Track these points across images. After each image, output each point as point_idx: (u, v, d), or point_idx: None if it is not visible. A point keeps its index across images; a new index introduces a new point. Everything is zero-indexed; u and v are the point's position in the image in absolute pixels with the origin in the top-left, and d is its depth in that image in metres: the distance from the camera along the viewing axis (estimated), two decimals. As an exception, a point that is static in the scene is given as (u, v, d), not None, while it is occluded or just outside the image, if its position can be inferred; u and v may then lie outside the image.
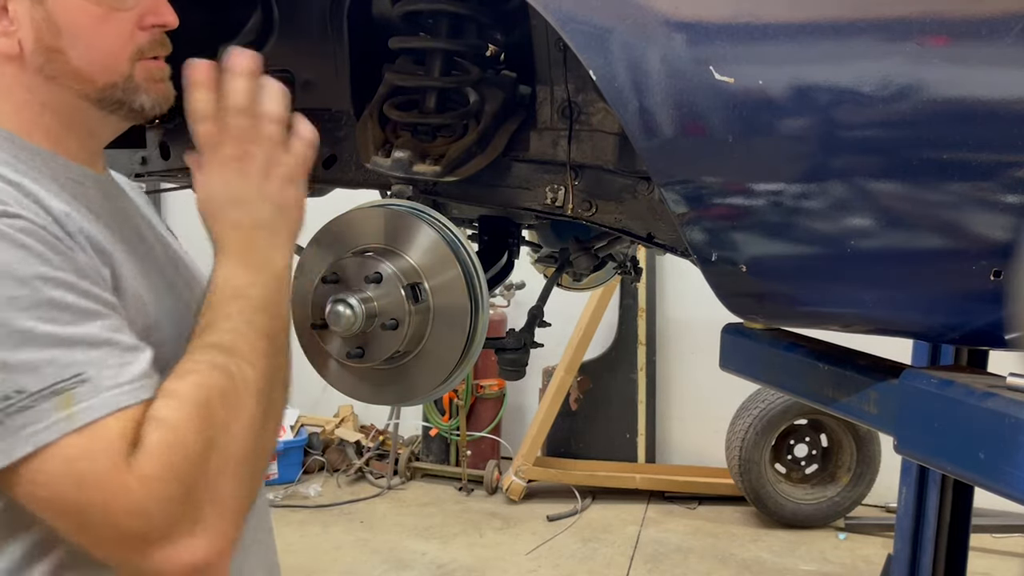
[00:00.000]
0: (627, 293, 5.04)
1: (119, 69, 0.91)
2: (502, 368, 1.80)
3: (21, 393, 0.71)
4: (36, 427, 0.72)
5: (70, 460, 0.73)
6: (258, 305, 0.87)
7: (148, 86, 0.93)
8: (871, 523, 4.47)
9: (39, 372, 0.72)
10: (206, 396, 0.78)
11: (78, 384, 0.73)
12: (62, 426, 0.72)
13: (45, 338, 0.73)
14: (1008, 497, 1.01)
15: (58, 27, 0.86)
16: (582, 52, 1.07)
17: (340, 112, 1.56)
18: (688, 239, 1.13)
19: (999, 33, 0.95)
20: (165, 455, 0.75)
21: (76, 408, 0.73)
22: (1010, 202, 1.00)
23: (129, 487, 0.73)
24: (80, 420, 0.73)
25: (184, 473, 0.75)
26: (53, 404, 0.72)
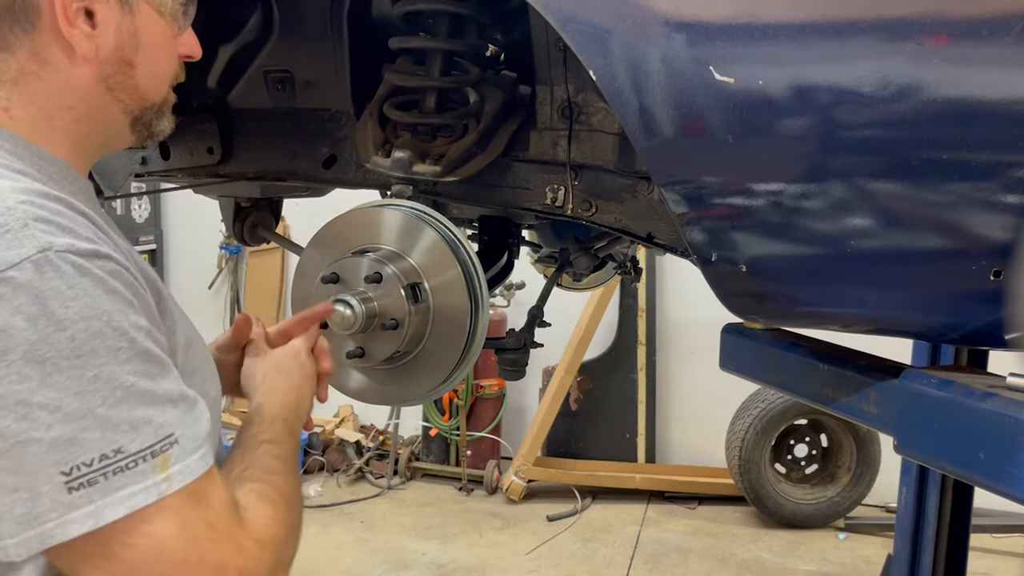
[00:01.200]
0: (627, 293, 5.04)
1: (163, 92, 0.93)
2: (502, 368, 1.80)
3: (120, 453, 0.70)
4: (133, 489, 0.70)
5: (187, 520, 0.73)
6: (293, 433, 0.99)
7: (167, 112, 0.96)
8: (871, 523, 4.47)
9: (138, 432, 0.71)
10: (287, 494, 0.87)
11: (169, 446, 0.73)
12: (162, 488, 0.71)
13: (142, 395, 0.72)
14: (1008, 497, 1.01)
15: (139, 42, 0.87)
16: (582, 52, 1.08)
17: (340, 112, 1.56)
18: (688, 239, 1.13)
19: (999, 33, 0.95)
20: (273, 530, 0.81)
21: (171, 471, 0.72)
22: (1010, 202, 1.00)
23: (246, 549, 0.77)
24: (176, 484, 0.72)
25: (281, 547, 0.82)
26: (150, 466, 0.71)
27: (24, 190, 0.74)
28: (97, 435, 0.69)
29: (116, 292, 0.73)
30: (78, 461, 0.68)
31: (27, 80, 0.83)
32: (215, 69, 1.60)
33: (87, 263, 0.71)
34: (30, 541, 0.69)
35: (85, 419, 0.68)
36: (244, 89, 1.60)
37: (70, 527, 0.68)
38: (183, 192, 2.15)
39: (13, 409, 0.67)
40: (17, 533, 0.68)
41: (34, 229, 0.70)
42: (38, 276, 0.68)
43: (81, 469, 0.68)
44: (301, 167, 1.64)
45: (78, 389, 0.68)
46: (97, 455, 0.69)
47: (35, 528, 0.68)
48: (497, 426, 5.14)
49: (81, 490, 0.68)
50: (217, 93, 1.64)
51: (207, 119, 1.65)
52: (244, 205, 2.02)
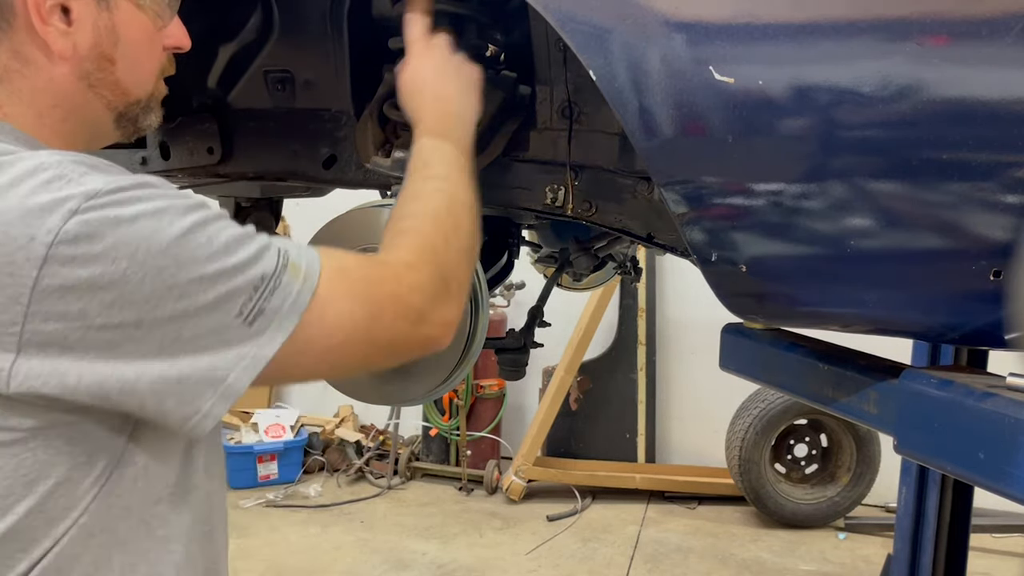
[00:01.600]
0: (627, 293, 5.04)
1: (148, 87, 0.94)
2: (502, 368, 1.80)
3: (265, 279, 0.80)
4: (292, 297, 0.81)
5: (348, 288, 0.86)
6: (460, 150, 1.11)
7: (156, 107, 0.97)
8: (871, 523, 4.47)
9: (263, 258, 0.81)
10: (435, 209, 1.00)
11: (286, 255, 0.83)
12: (309, 285, 0.83)
13: (243, 237, 0.81)
14: (1008, 497, 1.01)
15: (118, 37, 0.88)
16: (582, 52, 1.07)
17: (340, 112, 1.56)
18: (688, 239, 1.13)
19: (999, 33, 0.95)
20: (420, 248, 0.95)
21: (304, 270, 0.83)
22: (1010, 202, 1.00)
23: (401, 274, 0.91)
24: (314, 275, 0.84)
25: (435, 259, 0.95)
26: (289, 276, 0.82)
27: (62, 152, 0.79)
28: (241, 278, 0.79)
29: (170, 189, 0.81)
30: (240, 301, 0.79)
31: (12, 78, 0.84)
32: (215, 69, 1.60)
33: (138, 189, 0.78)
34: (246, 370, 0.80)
35: (225, 273, 0.78)
36: (244, 89, 1.60)
37: (266, 348, 0.80)
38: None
39: (168, 294, 0.75)
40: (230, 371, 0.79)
41: (92, 174, 0.76)
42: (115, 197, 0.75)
43: (247, 306, 0.79)
44: (301, 167, 1.64)
45: (204, 255, 0.77)
46: (251, 290, 0.79)
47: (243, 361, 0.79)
48: (497, 426, 5.14)
49: (257, 320, 0.80)
50: (217, 93, 1.64)
51: (207, 119, 1.65)
52: (244, 205, 2.02)
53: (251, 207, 2.03)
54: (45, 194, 0.73)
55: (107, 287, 0.73)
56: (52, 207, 0.72)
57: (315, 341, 0.83)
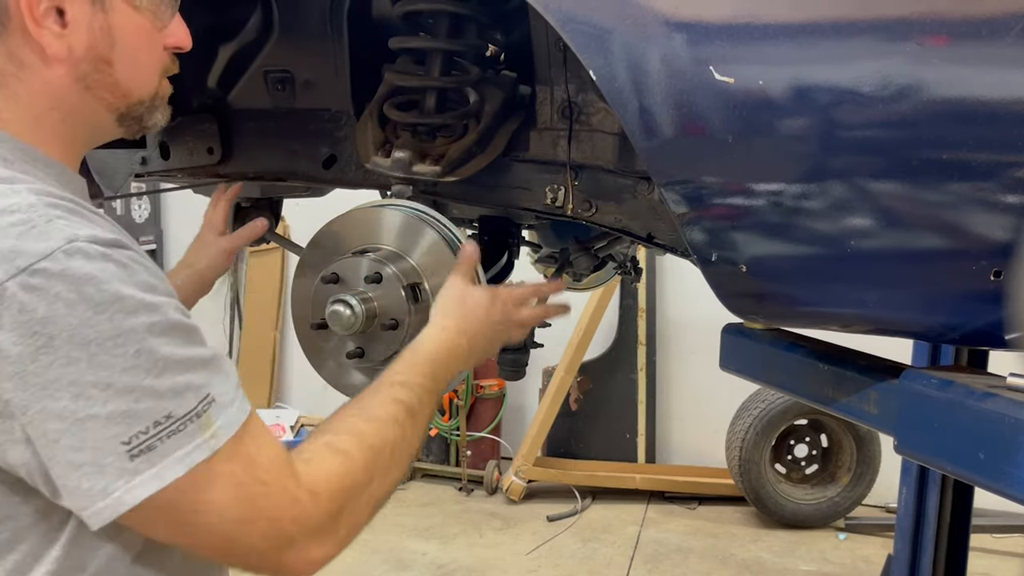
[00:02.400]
0: (627, 293, 5.04)
1: (151, 86, 0.92)
2: (502, 368, 1.80)
3: (170, 418, 0.74)
4: (187, 449, 0.75)
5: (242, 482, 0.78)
6: (437, 392, 1.04)
7: (162, 105, 0.96)
8: (871, 523, 4.47)
9: (183, 397, 0.75)
10: (382, 444, 0.91)
11: (208, 405, 0.77)
12: (212, 444, 0.76)
13: (180, 363, 0.76)
14: (1008, 497, 1.01)
15: (114, 38, 0.86)
16: (582, 52, 1.07)
17: (340, 112, 1.56)
18: (688, 239, 1.13)
19: (999, 33, 0.95)
20: (337, 480, 0.85)
21: (215, 427, 0.77)
22: (1010, 202, 1.00)
23: (299, 500, 0.81)
24: (223, 437, 0.77)
25: (346, 497, 0.85)
26: (197, 426, 0.76)
27: (39, 191, 0.77)
28: (148, 405, 0.73)
29: (139, 274, 0.76)
30: (135, 430, 0.73)
31: (8, 82, 0.83)
32: (215, 69, 1.60)
33: (110, 251, 0.75)
34: (103, 511, 0.73)
35: (135, 392, 0.73)
36: (244, 89, 1.60)
37: (137, 491, 0.73)
38: (183, 192, 2.16)
39: (67, 389, 0.71)
40: (89, 506, 0.73)
41: (59, 223, 0.73)
42: (70, 264, 0.71)
43: (139, 437, 0.73)
44: (301, 167, 1.64)
45: (125, 365, 0.72)
46: (151, 422, 0.73)
47: (106, 499, 0.73)
48: (497, 426, 5.14)
49: (142, 456, 0.73)
50: (217, 93, 1.64)
51: (207, 119, 1.65)
52: (244, 205, 2.02)
53: (251, 207, 2.03)
54: (3, 240, 0.71)
55: (13, 360, 0.70)
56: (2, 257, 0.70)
57: (179, 508, 0.76)
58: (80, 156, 0.93)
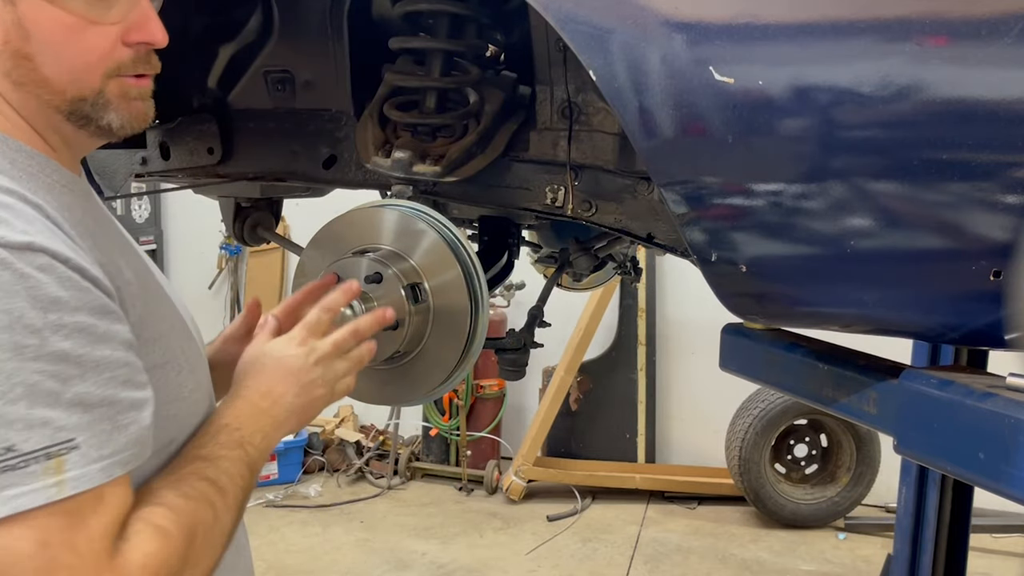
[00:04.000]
0: (627, 293, 5.04)
1: (90, 84, 0.85)
2: (502, 368, 1.80)
3: (11, 451, 0.67)
4: (20, 489, 0.67)
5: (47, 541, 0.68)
6: (250, 463, 0.91)
7: (120, 104, 0.88)
8: (871, 523, 4.47)
9: (33, 431, 0.68)
10: (195, 527, 0.80)
11: (68, 451, 0.69)
12: (49, 493, 0.68)
13: (46, 396, 0.69)
14: (1008, 497, 1.01)
15: (27, 32, 0.81)
16: (582, 52, 1.07)
17: (340, 112, 1.56)
18: (688, 239, 1.13)
19: (999, 33, 0.95)
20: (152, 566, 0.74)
21: (65, 476, 0.69)
22: (1010, 202, 1.00)
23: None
24: (67, 490, 0.69)
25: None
26: (42, 468, 0.68)
27: None
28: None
29: (39, 288, 0.70)
30: None
31: None
32: (215, 69, 1.61)
33: (11, 256, 0.69)
34: None
35: None
36: (244, 89, 1.60)
37: None
38: (183, 192, 2.15)
39: None
40: None
41: None
42: None
43: None
44: (301, 167, 1.64)
45: None
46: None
47: None
48: (497, 426, 5.14)
49: None
50: (217, 93, 1.64)
51: (207, 119, 1.65)
52: (244, 205, 2.02)
53: (251, 207, 2.03)
54: None
55: None
56: None
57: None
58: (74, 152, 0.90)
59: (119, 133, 0.89)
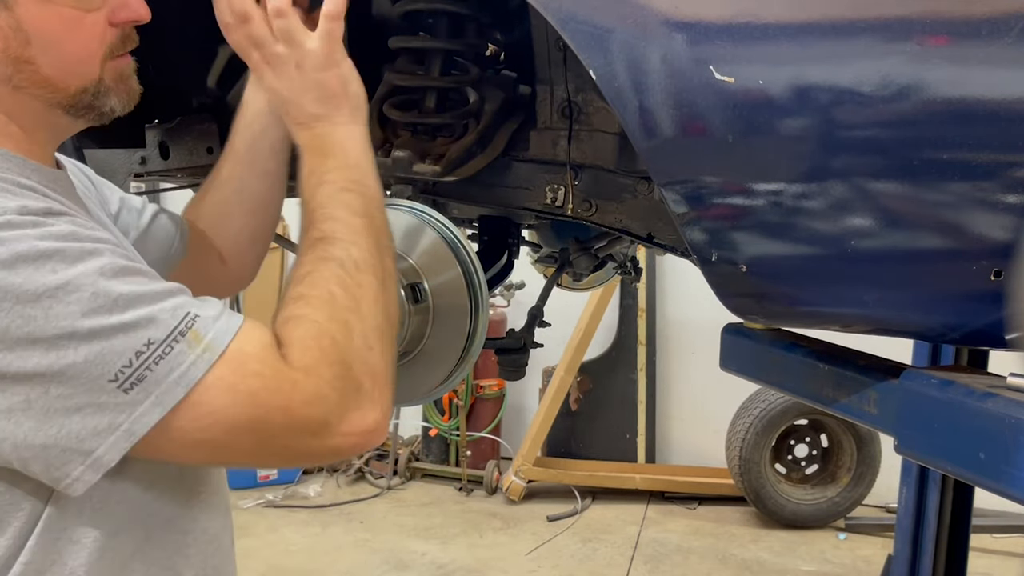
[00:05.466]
0: (627, 293, 5.04)
1: (91, 74, 0.86)
2: (502, 368, 1.80)
3: (151, 344, 0.73)
4: (180, 369, 0.74)
5: (234, 384, 0.76)
6: (342, 186, 0.92)
7: (117, 87, 0.90)
8: (871, 523, 4.47)
9: (157, 321, 0.74)
10: (327, 288, 0.84)
11: (192, 321, 0.76)
12: (207, 358, 0.75)
13: (143, 296, 0.75)
14: (1008, 497, 1.01)
15: (28, 35, 0.81)
16: (582, 52, 1.07)
17: (340, 112, 1.56)
18: (688, 239, 1.13)
19: (999, 33, 0.95)
20: (316, 344, 0.80)
21: (207, 340, 0.75)
22: (1010, 202, 1.00)
23: (298, 381, 0.78)
24: (218, 349, 0.76)
25: (338, 355, 0.81)
26: (185, 344, 0.74)
27: None
28: (122, 340, 0.72)
29: (78, 231, 0.76)
30: (118, 366, 0.72)
31: None
32: (214, 69, 1.60)
33: (42, 218, 0.75)
34: (116, 444, 0.73)
35: (104, 332, 0.72)
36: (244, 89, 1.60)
37: (141, 421, 0.73)
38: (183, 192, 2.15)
39: (35, 346, 0.70)
40: (101, 443, 0.73)
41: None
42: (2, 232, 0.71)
43: (124, 372, 0.72)
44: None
45: (83, 310, 0.71)
46: (132, 354, 0.72)
47: (115, 433, 0.73)
48: (497, 426, 5.14)
49: (135, 388, 0.73)
50: (217, 93, 1.64)
51: (207, 119, 1.65)
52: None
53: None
54: None
55: None
56: None
57: (187, 431, 0.75)
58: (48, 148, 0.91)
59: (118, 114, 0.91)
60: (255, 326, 0.80)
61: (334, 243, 0.88)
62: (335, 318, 0.83)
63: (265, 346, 0.79)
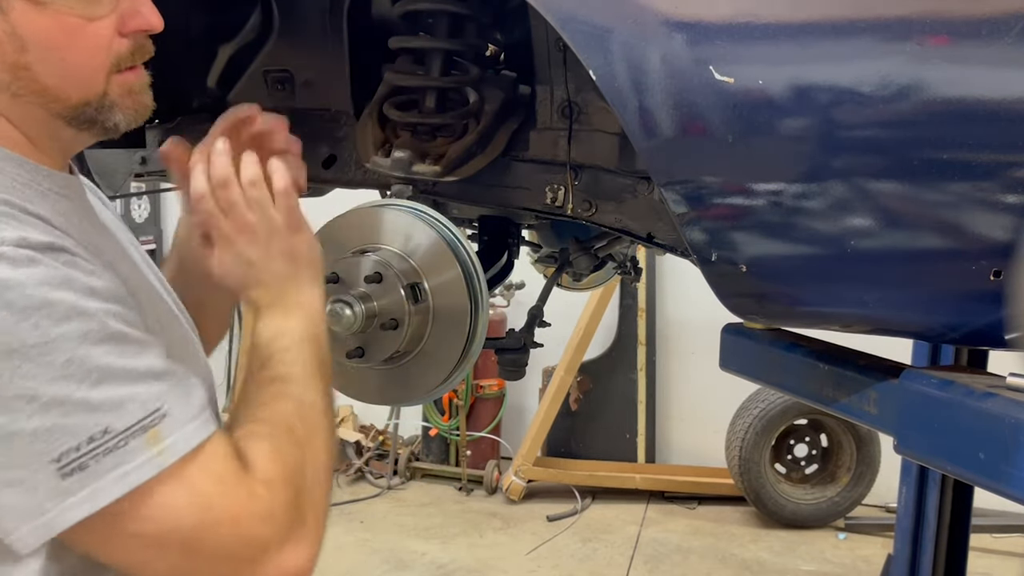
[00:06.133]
0: (627, 293, 5.04)
1: (95, 86, 0.82)
2: (502, 368, 1.80)
3: (108, 433, 0.68)
4: (127, 467, 0.69)
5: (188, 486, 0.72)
6: (301, 337, 0.91)
7: (124, 101, 0.84)
8: (871, 523, 4.46)
9: (123, 409, 0.70)
10: (285, 420, 0.83)
11: (160, 419, 0.72)
12: (158, 462, 0.71)
13: (122, 373, 0.70)
14: (1008, 497, 1.01)
15: (23, 42, 0.77)
16: (582, 52, 1.07)
17: (340, 112, 1.56)
18: (688, 239, 1.13)
19: (999, 33, 0.95)
20: (278, 463, 0.78)
21: (166, 443, 0.71)
22: (1010, 202, 1.00)
23: (257, 493, 0.75)
24: (174, 454, 0.72)
25: (294, 481, 0.79)
26: (142, 441, 0.70)
27: None
28: (80, 419, 0.68)
29: (78, 280, 0.71)
30: (65, 447, 0.67)
31: None
32: (215, 69, 1.60)
33: (40, 255, 0.70)
34: (36, 531, 0.69)
35: (64, 405, 0.67)
36: (244, 89, 1.60)
37: (69, 513, 0.68)
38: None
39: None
40: (21, 526, 0.68)
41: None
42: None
43: (71, 455, 0.67)
44: (301, 167, 1.64)
45: (52, 376, 0.67)
46: (84, 438, 0.68)
47: (38, 518, 0.68)
48: (497, 426, 5.14)
49: (74, 475, 0.68)
50: (217, 93, 1.64)
51: (207, 119, 1.65)
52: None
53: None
54: None
55: None
56: None
57: (110, 535, 0.71)
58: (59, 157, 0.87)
59: (124, 130, 0.86)
60: (220, 437, 0.77)
61: (292, 384, 0.87)
62: (294, 445, 0.81)
63: (230, 455, 0.76)
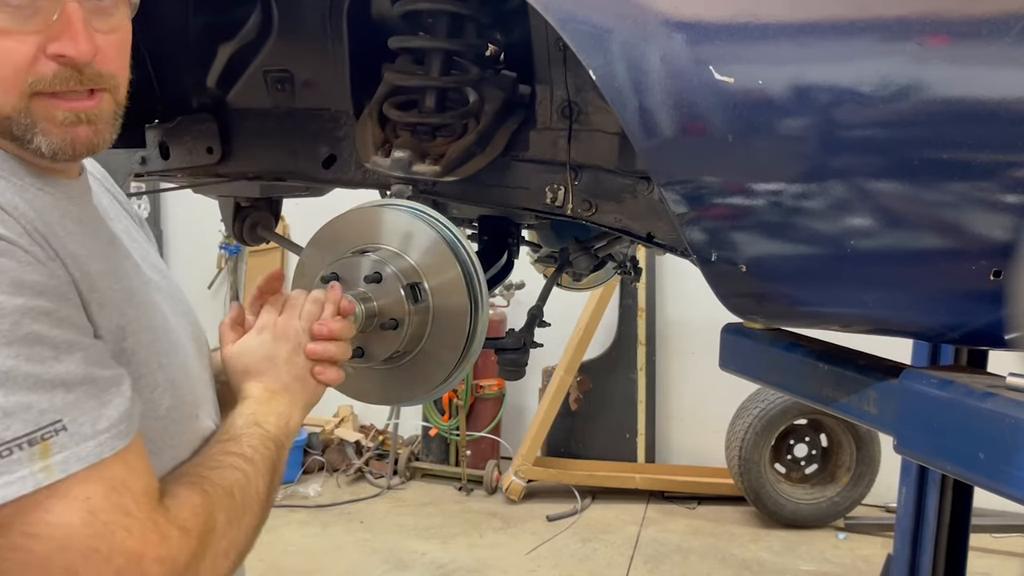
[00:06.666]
0: (627, 293, 5.04)
1: (9, 101, 0.76)
2: (502, 368, 1.80)
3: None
4: (8, 477, 0.66)
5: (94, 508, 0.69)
6: (272, 439, 0.95)
7: (48, 127, 0.78)
8: (871, 523, 4.47)
9: (13, 418, 0.66)
10: (229, 485, 0.84)
11: (54, 433, 0.68)
12: (39, 478, 0.67)
13: (24, 379, 0.67)
14: (1008, 497, 1.01)
15: None
16: (582, 52, 1.07)
17: (340, 112, 1.56)
18: (688, 239, 1.13)
19: (999, 33, 0.95)
20: (201, 517, 0.77)
21: (53, 460, 0.68)
22: (1010, 202, 1.00)
23: (169, 537, 0.73)
24: (60, 472, 0.68)
25: (208, 539, 0.78)
26: (28, 454, 0.66)
27: None
28: None
29: (3, 272, 0.68)
30: None
31: None
32: (214, 69, 1.60)
33: None
34: None
35: None
36: (244, 89, 1.60)
37: None
38: (183, 192, 2.15)
39: None
40: None
41: None
42: None
43: None
44: (300, 167, 1.64)
45: None
46: None
47: None
48: (497, 426, 5.14)
49: None
50: (216, 93, 1.64)
51: (206, 119, 1.65)
52: (244, 205, 2.02)
53: (251, 207, 2.03)
54: None
55: None
56: None
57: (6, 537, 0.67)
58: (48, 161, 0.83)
59: (55, 159, 0.80)
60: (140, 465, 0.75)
61: (249, 465, 0.88)
62: (225, 510, 0.81)
63: (149, 489, 0.74)
